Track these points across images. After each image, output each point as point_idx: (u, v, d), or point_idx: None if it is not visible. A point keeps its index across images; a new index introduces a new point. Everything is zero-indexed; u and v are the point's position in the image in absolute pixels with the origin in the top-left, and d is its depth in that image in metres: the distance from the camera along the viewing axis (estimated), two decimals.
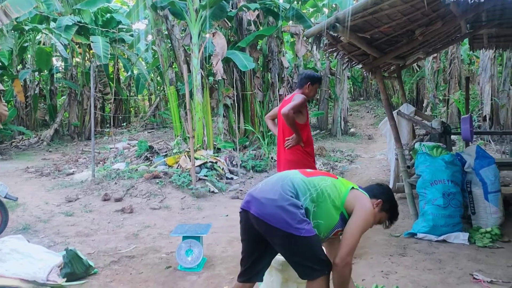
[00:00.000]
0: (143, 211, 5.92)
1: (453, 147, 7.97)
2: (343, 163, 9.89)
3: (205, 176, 7.30)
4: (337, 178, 2.52)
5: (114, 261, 4.17)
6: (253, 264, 2.51)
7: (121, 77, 18.54)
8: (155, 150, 8.67)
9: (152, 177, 6.94)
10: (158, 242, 4.75)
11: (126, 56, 15.91)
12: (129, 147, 10.05)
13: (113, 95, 14.84)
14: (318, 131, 14.02)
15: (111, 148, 10.60)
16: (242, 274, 2.56)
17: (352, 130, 14.86)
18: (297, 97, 4.10)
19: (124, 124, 16.44)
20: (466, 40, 6.99)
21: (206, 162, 7.71)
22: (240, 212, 2.49)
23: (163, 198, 6.41)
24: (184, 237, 4.10)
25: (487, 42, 6.03)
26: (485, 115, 10.75)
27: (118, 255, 4.33)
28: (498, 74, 11.38)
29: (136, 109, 21.02)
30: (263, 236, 2.38)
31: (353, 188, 2.45)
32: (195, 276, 3.84)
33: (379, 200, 2.49)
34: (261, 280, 2.59)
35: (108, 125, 15.38)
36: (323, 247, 2.45)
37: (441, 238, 4.32)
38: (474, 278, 3.34)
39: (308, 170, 2.56)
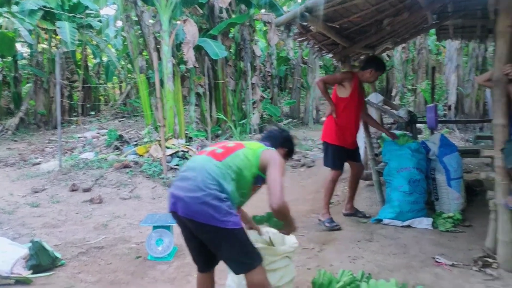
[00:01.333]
0: (113, 201, 5.84)
1: (419, 135, 8.21)
2: (314, 152, 10.02)
3: (176, 165, 7.24)
4: (245, 147, 2.53)
5: (82, 252, 4.10)
6: (198, 256, 2.53)
7: (89, 64, 18.02)
8: (125, 139, 8.54)
9: (122, 166, 6.84)
10: (127, 232, 4.70)
11: (94, 42, 15.46)
12: (98, 136, 9.84)
13: (81, 82, 14.44)
14: (290, 120, 14.10)
15: (79, 138, 10.34)
16: (197, 265, 2.60)
17: (324, 118, 14.94)
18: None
19: (93, 112, 16.03)
20: (433, 31, 7.14)
21: (178, 151, 7.65)
22: (170, 212, 2.44)
23: (134, 187, 6.33)
24: (155, 227, 4.08)
25: (453, 32, 6.19)
26: (450, 104, 11.10)
27: (87, 246, 4.27)
28: (464, 64, 11.74)
29: (106, 97, 20.53)
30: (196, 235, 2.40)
31: (262, 150, 2.52)
32: (166, 266, 3.83)
33: (285, 150, 2.75)
34: (212, 267, 2.60)
35: (76, 114, 14.98)
36: None
37: (406, 223, 4.46)
38: (436, 261, 3.48)
39: (219, 150, 2.49)
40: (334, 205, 5.36)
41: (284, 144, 2.77)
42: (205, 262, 2.55)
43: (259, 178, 2.52)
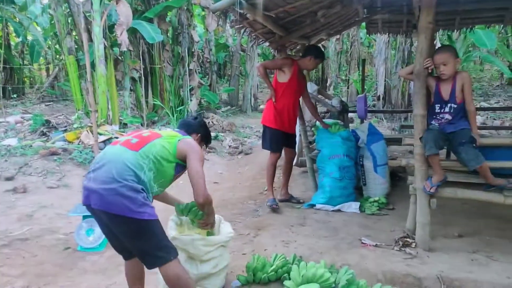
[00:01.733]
0: (39, 190, 5.50)
1: (351, 124, 8.60)
2: (252, 139, 10.14)
3: None
4: (162, 136, 2.56)
5: (5, 245, 3.85)
6: (125, 246, 2.48)
7: (11, 43, 16.60)
8: (52, 125, 8.02)
9: (49, 153, 6.44)
10: (55, 222, 4.47)
11: (17, 19, 14.25)
12: (22, 122, 9.15)
13: (1, 62, 13.27)
14: (228, 107, 14.10)
15: (1, 122, 9.55)
16: (121, 254, 2.57)
17: (262, 106, 15.19)
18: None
19: (16, 95, 14.85)
20: (364, 24, 7.46)
21: (111, 138, 7.35)
22: (85, 206, 2.40)
23: (62, 176, 6.01)
24: (85, 216, 3.92)
25: (381, 26, 6.50)
26: (379, 95, 11.73)
27: (9, 238, 4.00)
28: (392, 57, 12.42)
29: (31, 79, 19.09)
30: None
31: (179, 140, 2.56)
32: (97, 256, 3.72)
33: (199, 135, 2.84)
34: (133, 257, 2.56)
35: None
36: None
37: (337, 207, 4.68)
38: (362, 243, 3.70)
39: (134, 140, 2.48)
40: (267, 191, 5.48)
41: (199, 130, 2.86)
42: (128, 250, 2.51)
43: (178, 166, 2.55)
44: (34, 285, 3.16)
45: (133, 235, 2.29)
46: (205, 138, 2.93)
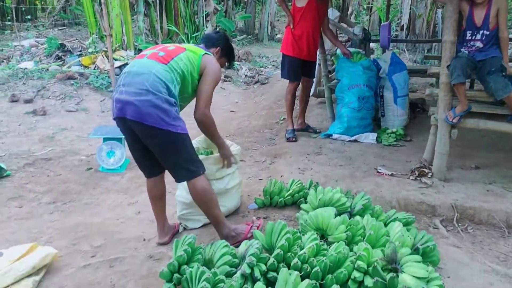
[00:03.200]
0: (58, 114, 5.58)
1: (372, 56, 8.32)
2: (268, 69, 9.94)
3: None
4: (186, 49, 2.51)
5: (29, 164, 3.99)
6: (145, 163, 2.53)
7: None
8: (67, 49, 7.93)
9: (65, 77, 6.44)
10: (76, 144, 4.58)
11: None
12: (37, 45, 9.05)
13: None
14: (244, 35, 13.69)
15: (15, 46, 9.48)
16: (144, 172, 2.60)
17: (278, 36, 14.71)
18: None
19: (29, 17, 14.54)
20: None
21: (127, 63, 7.28)
22: (114, 119, 2.39)
23: (80, 100, 6.05)
24: (105, 139, 4.00)
25: None
26: (403, 24, 11.18)
27: (33, 157, 4.13)
28: None
29: (42, 2, 18.60)
30: (142, 140, 2.37)
31: (202, 55, 2.53)
32: (118, 177, 3.83)
33: (218, 48, 2.71)
34: (161, 171, 2.61)
35: (10, 19, 13.56)
36: None
37: (353, 138, 4.67)
38: (377, 171, 3.73)
39: (161, 54, 2.43)
40: (285, 121, 5.47)
41: (219, 43, 2.73)
42: (151, 166, 2.55)
43: (199, 82, 2.52)
44: (59, 201, 3.31)
45: (166, 147, 2.33)
46: (226, 52, 2.79)
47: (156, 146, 2.34)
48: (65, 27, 14.13)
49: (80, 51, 7.97)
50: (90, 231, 2.84)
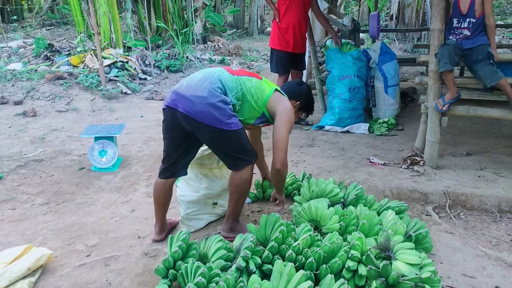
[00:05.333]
0: (48, 114, 5.54)
1: (361, 46, 8.33)
2: (259, 63, 9.93)
3: (115, 76, 6.89)
4: (261, 79, 2.55)
5: (21, 166, 3.95)
6: (177, 160, 2.51)
7: None
8: (56, 49, 7.86)
9: (55, 78, 6.39)
10: (68, 145, 4.55)
11: None
12: (24, 46, 8.96)
13: None
14: (234, 30, 13.65)
15: (2, 47, 9.37)
16: (164, 170, 2.55)
17: (268, 29, 14.68)
18: None
19: (15, 17, 14.36)
20: None
21: (116, 62, 7.23)
22: (164, 109, 2.40)
23: (70, 100, 6.01)
24: (96, 138, 3.97)
25: None
26: (392, 14, 11.20)
27: (24, 159, 4.10)
28: None
29: (29, 2, 18.37)
30: (190, 132, 2.38)
31: (276, 90, 2.53)
32: (111, 176, 3.82)
33: (298, 102, 2.70)
34: (186, 174, 2.62)
35: None
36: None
37: (345, 129, 4.69)
38: (370, 161, 3.75)
39: (234, 68, 2.53)
40: None
41: (300, 97, 2.71)
42: (179, 165, 2.53)
43: (262, 117, 2.50)
44: (53, 202, 3.29)
45: (220, 143, 2.36)
46: (305, 108, 2.78)
47: (208, 140, 2.40)
48: (52, 27, 14.00)
49: (69, 50, 7.90)
50: (85, 231, 2.84)
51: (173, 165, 2.52)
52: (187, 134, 2.40)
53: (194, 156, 2.63)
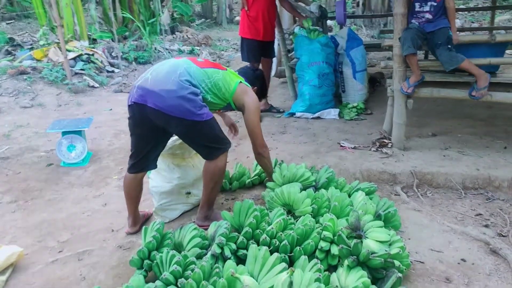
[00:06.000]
0: (13, 111, 5.35)
1: (330, 33, 8.41)
2: (229, 52, 9.87)
3: (81, 69, 6.71)
4: (226, 70, 2.56)
5: None
6: (147, 155, 2.49)
7: None
8: (17, 43, 7.58)
9: (18, 73, 6.16)
10: (34, 141, 4.42)
11: None
12: None
13: None
14: (203, 20, 13.49)
15: None
16: (134, 165, 2.51)
17: (237, 18, 14.57)
18: None
19: None
20: None
21: (81, 55, 7.04)
22: (130, 106, 2.36)
23: (35, 95, 5.82)
24: (64, 133, 3.88)
25: None
26: (358, 1, 11.34)
27: None
28: None
29: None
30: (160, 127, 2.36)
31: (240, 82, 2.57)
32: (81, 170, 3.75)
33: (255, 88, 2.77)
34: (156, 167, 2.60)
35: None
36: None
37: (316, 115, 4.74)
38: (341, 146, 3.82)
39: (199, 59, 2.51)
40: None
41: (256, 83, 2.80)
42: (148, 161, 2.50)
43: (229, 107, 2.57)
44: (21, 200, 3.20)
45: (193, 134, 2.36)
46: (260, 92, 2.85)
47: (181, 133, 2.40)
48: (13, 20, 13.46)
49: (31, 44, 7.64)
50: (55, 227, 2.78)
51: (143, 160, 2.50)
52: (156, 129, 2.38)
53: (163, 149, 2.61)
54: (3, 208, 3.08)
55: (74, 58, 6.83)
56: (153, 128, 2.37)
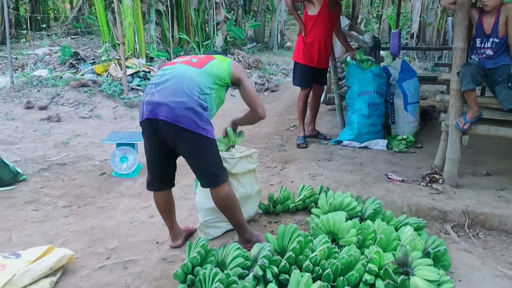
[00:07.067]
0: (72, 120, 5.69)
1: (382, 63, 8.35)
2: (278, 76, 10.00)
3: (138, 85, 7.05)
4: (215, 58, 2.57)
5: (44, 169, 4.07)
6: (162, 173, 2.52)
7: None
8: (81, 57, 8.10)
9: (79, 85, 6.57)
10: (90, 150, 4.66)
11: None
12: (50, 54, 9.26)
13: None
14: (254, 43, 13.80)
15: (29, 54, 9.69)
16: (151, 183, 2.56)
17: (288, 44, 14.79)
18: None
19: (43, 26, 14.86)
20: None
21: (139, 71, 7.40)
22: (142, 123, 2.40)
23: (93, 107, 6.16)
24: (118, 144, 4.07)
25: None
26: (413, 32, 11.20)
27: (48, 162, 4.22)
28: None
29: (55, 12, 18.97)
30: (169, 144, 2.38)
31: (230, 62, 2.59)
32: (131, 182, 3.90)
33: None
34: (173, 186, 2.63)
35: (25, 28, 13.85)
36: None
37: (364, 144, 4.68)
38: (388, 178, 3.74)
39: (194, 60, 2.51)
40: (296, 128, 5.50)
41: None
42: (165, 177, 2.55)
43: (227, 87, 2.59)
44: (75, 205, 3.37)
45: (196, 151, 2.35)
46: None
47: (186, 149, 2.37)
48: (77, 36, 14.39)
49: (93, 59, 8.13)
50: (105, 234, 2.90)
51: (156, 177, 2.53)
52: (167, 146, 2.39)
53: (176, 169, 2.60)
54: (58, 211, 3.25)
55: (132, 74, 7.20)
56: (164, 144, 2.38)
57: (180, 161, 2.52)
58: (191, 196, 2.85)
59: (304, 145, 4.70)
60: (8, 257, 2.34)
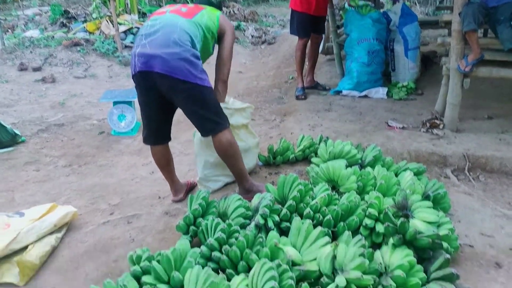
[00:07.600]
0: (67, 80, 5.61)
1: (381, 9, 8.07)
2: (275, 28, 9.74)
3: (131, 43, 6.87)
4: (205, 8, 2.50)
5: (42, 130, 4.05)
6: (158, 127, 2.48)
7: None
8: (72, 15, 7.86)
9: (72, 44, 6.42)
10: (87, 110, 4.62)
11: None
12: (40, 14, 8.99)
13: None
14: None
15: (19, 15, 9.41)
16: (148, 138, 2.52)
17: None
18: None
19: None
20: None
21: (132, 28, 7.20)
22: (134, 76, 2.31)
23: (88, 66, 6.05)
24: (115, 103, 4.02)
25: None
26: None
27: (46, 123, 4.20)
28: None
29: None
30: (164, 96, 2.32)
31: (219, 14, 2.53)
32: (130, 140, 3.89)
33: (219, 13, 2.69)
34: (170, 140, 2.58)
35: None
36: None
37: (363, 93, 4.62)
38: (388, 125, 3.71)
39: (183, 9, 2.42)
40: (294, 81, 5.42)
41: (220, 9, 2.77)
42: (161, 131, 2.51)
43: (214, 41, 2.51)
44: (75, 164, 3.38)
45: (194, 101, 2.30)
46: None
47: (184, 100, 2.30)
48: None
49: (84, 17, 7.89)
50: (107, 191, 2.92)
51: (152, 130, 2.48)
52: (162, 98, 2.33)
53: (172, 122, 2.55)
54: (58, 171, 3.27)
55: (125, 32, 7.01)
56: (159, 97, 2.32)
57: (179, 117, 2.48)
58: (191, 151, 2.85)
59: (303, 97, 4.64)
60: (12, 216, 2.37)
